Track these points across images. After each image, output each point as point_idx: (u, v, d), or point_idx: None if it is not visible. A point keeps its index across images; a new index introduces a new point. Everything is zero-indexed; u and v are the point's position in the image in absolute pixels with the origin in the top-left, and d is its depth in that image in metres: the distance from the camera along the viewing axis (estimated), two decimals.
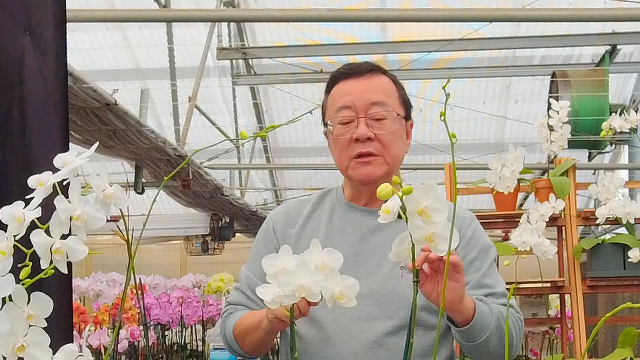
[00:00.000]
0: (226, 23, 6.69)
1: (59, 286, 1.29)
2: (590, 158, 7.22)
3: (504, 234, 3.77)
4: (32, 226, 0.80)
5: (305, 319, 1.62)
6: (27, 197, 0.82)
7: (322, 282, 0.94)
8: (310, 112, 1.77)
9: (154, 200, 1.02)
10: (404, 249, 0.97)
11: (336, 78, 1.78)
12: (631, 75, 7.42)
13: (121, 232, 0.89)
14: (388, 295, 1.65)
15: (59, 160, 0.84)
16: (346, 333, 1.64)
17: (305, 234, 1.74)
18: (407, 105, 1.80)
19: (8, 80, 1.31)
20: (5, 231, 0.80)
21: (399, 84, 1.81)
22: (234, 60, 7.11)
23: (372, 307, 1.64)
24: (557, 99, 3.11)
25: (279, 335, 1.77)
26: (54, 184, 0.82)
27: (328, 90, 1.80)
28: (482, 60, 7.23)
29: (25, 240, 0.80)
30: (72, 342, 0.87)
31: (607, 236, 3.13)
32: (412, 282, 0.98)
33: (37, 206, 0.81)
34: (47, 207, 0.82)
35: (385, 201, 1.70)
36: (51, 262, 0.80)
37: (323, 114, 1.80)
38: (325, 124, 1.77)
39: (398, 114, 1.73)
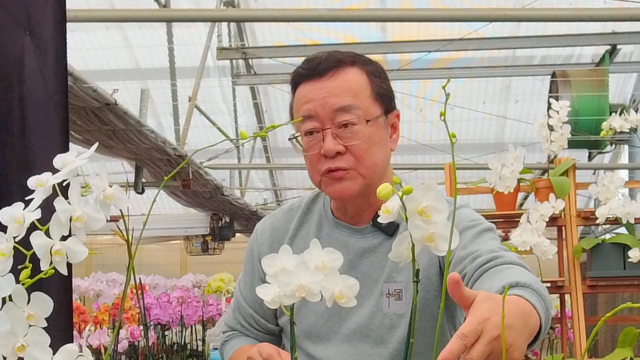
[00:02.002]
0: (226, 23, 6.70)
1: (59, 286, 1.29)
2: (590, 158, 7.23)
3: (504, 234, 3.77)
4: (32, 227, 0.80)
5: (301, 355, 1.57)
6: (27, 198, 0.82)
7: (322, 282, 0.94)
8: None
9: (154, 200, 1.02)
10: (404, 249, 0.97)
11: (297, 79, 1.55)
12: (631, 75, 7.43)
13: (121, 232, 0.89)
14: (376, 330, 1.54)
15: (58, 160, 0.84)
16: None
17: (297, 248, 1.63)
18: (384, 98, 1.55)
19: (8, 80, 1.31)
20: (5, 232, 0.80)
21: (374, 73, 1.54)
22: (234, 60, 7.11)
23: (363, 344, 1.55)
24: (557, 98, 3.11)
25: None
26: (54, 185, 0.82)
27: (292, 91, 1.58)
28: (482, 60, 7.23)
29: (25, 242, 0.80)
30: (72, 342, 0.87)
31: (607, 236, 3.13)
32: (412, 281, 0.98)
33: (37, 207, 0.81)
34: (47, 208, 0.81)
35: (375, 213, 1.59)
36: (51, 263, 0.80)
37: (291, 116, 1.59)
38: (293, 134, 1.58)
39: (368, 120, 1.50)
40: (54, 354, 0.81)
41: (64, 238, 0.81)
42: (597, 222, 2.82)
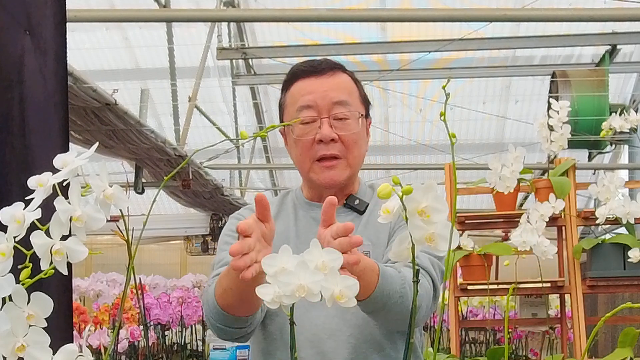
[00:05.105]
0: (226, 23, 6.70)
1: (59, 286, 1.29)
2: (590, 158, 7.23)
3: (504, 234, 3.77)
4: (32, 227, 0.80)
5: (280, 319, 1.64)
6: (27, 198, 0.82)
7: (322, 282, 0.94)
8: None
9: (154, 200, 1.02)
10: (404, 249, 0.97)
11: (296, 75, 1.72)
12: (631, 75, 7.42)
13: (121, 232, 0.89)
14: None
15: (58, 160, 0.84)
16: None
17: (277, 230, 1.64)
18: (367, 103, 1.76)
19: (8, 80, 1.31)
20: (5, 232, 0.80)
21: (359, 81, 1.77)
22: (234, 60, 7.11)
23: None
24: (557, 99, 3.11)
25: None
26: (54, 185, 0.82)
27: (286, 87, 1.73)
28: (482, 60, 7.23)
29: (25, 242, 0.80)
30: (72, 342, 0.87)
31: (607, 236, 3.13)
32: (412, 282, 0.98)
33: (37, 207, 0.81)
34: (47, 208, 0.81)
35: (346, 197, 1.71)
36: (51, 263, 0.80)
37: (281, 112, 1.74)
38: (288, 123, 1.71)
39: (361, 115, 1.69)
40: (54, 354, 0.81)
41: (64, 238, 0.81)
42: (597, 222, 2.82)
